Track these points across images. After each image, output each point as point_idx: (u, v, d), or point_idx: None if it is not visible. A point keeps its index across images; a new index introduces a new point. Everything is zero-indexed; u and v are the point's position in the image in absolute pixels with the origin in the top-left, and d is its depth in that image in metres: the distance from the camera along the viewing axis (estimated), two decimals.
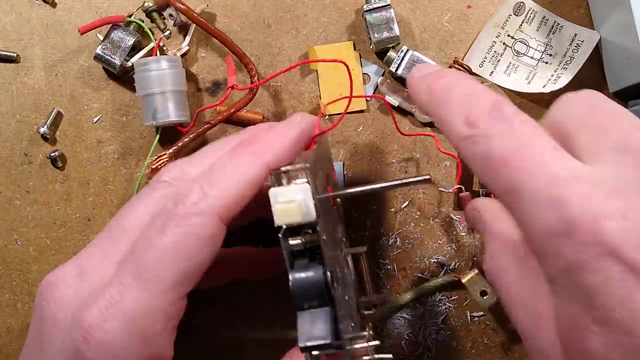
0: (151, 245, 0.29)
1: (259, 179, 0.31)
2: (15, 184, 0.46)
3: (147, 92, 0.42)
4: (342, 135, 0.46)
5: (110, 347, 0.28)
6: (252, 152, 0.32)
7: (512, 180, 0.25)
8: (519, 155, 0.25)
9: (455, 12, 0.46)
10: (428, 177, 0.36)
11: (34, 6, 0.46)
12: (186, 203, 0.30)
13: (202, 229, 0.30)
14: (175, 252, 0.29)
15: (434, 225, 0.46)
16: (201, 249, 0.30)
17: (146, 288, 0.29)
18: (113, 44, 0.44)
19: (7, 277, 0.46)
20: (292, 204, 0.29)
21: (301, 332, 0.29)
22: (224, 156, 0.32)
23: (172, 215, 0.30)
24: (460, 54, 0.46)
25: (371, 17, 0.44)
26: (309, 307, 0.30)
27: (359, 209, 0.46)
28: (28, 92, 0.46)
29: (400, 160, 0.46)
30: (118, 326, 0.28)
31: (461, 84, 0.29)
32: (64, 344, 0.29)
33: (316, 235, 0.30)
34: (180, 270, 0.29)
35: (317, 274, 0.30)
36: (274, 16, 0.46)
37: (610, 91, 0.45)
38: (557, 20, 0.46)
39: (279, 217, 0.29)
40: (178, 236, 0.29)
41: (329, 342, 0.29)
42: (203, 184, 0.31)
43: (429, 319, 0.47)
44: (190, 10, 0.43)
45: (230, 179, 0.31)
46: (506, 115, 0.26)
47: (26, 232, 0.46)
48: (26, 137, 0.46)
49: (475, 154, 0.27)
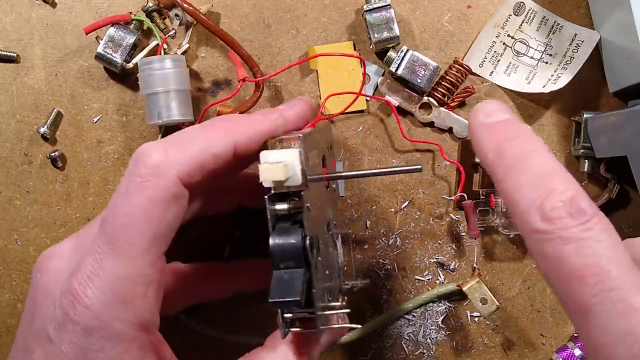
0: (118, 211, 0.30)
1: (223, 153, 0.33)
2: (15, 184, 0.46)
3: (151, 91, 0.42)
4: (342, 136, 0.46)
5: (93, 311, 0.29)
6: (223, 128, 0.33)
7: (583, 298, 0.23)
8: (596, 271, 0.23)
9: (455, 12, 0.46)
10: (420, 167, 0.36)
11: (34, 6, 0.46)
12: (148, 164, 0.30)
13: (164, 191, 0.30)
14: (142, 216, 0.30)
15: (434, 225, 0.46)
16: (166, 210, 0.30)
17: (120, 254, 0.30)
18: (114, 42, 0.44)
19: (7, 277, 0.46)
20: (278, 164, 0.30)
21: (273, 288, 0.31)
22: (196, 128, 0.34)
23: (133, 177, 0.30)
24: (460, 54, 0.46)
25: (371, 17, 0.44)
26: (285, 267, 0.31)
27: (359, 208, 0.46)
28: (28, 92, 0.46)
29: (400, 160, 0.46)
30: (99, 292, 0.29)
31: (537, 156, 0.27)
32: (54, 310, 0.30)
33: (301, 202, 0.31)
34: (150, 233, 0.30)
35: (297, 236, 0.31)
36: (274, 16, 0.46)
37: (611, 91, 0.45)
38: (557, 20, 0.46)
39: (263, 174, 0.31)
40: (141, 199, 0.30)
41: (298, 299, 0.30)
42: (167, 146, 0.31)
43: (429, 319, 0.47)
44: (197, 11, 0.43)
45: (194, 145, 0.32)
46: (586, 215, 0.24)
47: (26, 232, 0.46)
48: (26, 137, 0.46)
49: (545, 252, 0.25)
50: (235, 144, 0.33)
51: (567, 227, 0.24)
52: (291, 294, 0.30)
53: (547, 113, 0.46)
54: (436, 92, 0.45)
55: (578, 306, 0.24)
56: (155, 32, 0.44)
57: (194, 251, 0.44)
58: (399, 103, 0.45)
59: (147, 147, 0.31)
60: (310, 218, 0.32)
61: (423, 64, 0.45)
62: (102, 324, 0.29)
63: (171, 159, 0.31)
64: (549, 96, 0.45)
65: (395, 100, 0.45)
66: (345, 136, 0.46)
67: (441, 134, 0.46)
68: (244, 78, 0.43)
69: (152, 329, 0.32)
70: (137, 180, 0.30)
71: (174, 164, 0.31)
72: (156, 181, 0.30)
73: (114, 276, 0.30)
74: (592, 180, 0.46)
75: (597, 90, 0.46)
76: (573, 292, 0.24)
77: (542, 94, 0.45)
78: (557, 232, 0.24)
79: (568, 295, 0.24)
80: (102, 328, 0.29)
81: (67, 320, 0.30)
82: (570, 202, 0.25)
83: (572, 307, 0.24)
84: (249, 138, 0.33)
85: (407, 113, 0.46)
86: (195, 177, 0.32)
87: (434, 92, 0.46)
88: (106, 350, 0.30)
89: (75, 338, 0.29)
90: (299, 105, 0.38)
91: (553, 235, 0.24)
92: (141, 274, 0.30)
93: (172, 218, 0.31)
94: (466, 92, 0.45)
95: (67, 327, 0.30)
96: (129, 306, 0.30)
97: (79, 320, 0.29)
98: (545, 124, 0.46)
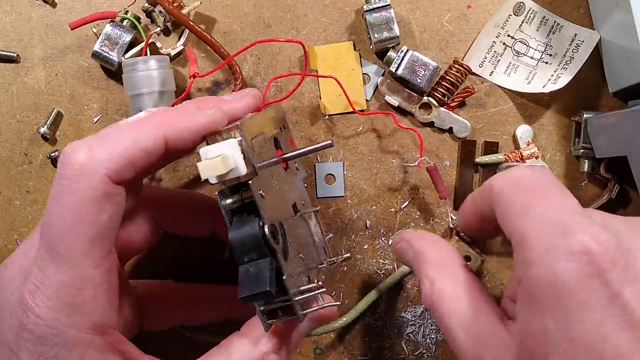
0: (52, 217, 0.30)
1: (153, 147, 0.31)
2: (15, 184, 0.46)
3: (135, 92, 0.42)
4: (342, 135, 0.46)
5: (44, 319, 0.29)
6: (154, 122, 0.32)
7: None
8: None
9: (455, 12, 0.46)
10: (330, 142, 0.35)
11: (34, 6, 0.46)
12: (74, 164, 0.29)
13: (94, 190, 0.29)
14: (74, 219, 0.29)
15: (434, 225, 0.47)
16: (99, 211, 0.30)
17: (61, 260, 0.29)
18: (110, 40, 0.44)
19: None
20: (216, 159, 0.29)
21: (241, 284, 0.30)
22: (124, 122, 0.32)
23: (62, 180, 0.30)
24: (460, 54, 0.46)
25: (371, 17, 0.44)
26: (249, 259, 0.30)
27: (359, 208, 0.46)
28: (28, 92, 0.46)
29: (400, 160, 0.46)
30: (47, 300, 0.29)
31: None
32: (11, 318, 0.30)
33: (250, 192, 0.30)
34: (86, 235, 0.29)
35: (254, 226, 0.30)
36: (274, 16, 0.46)
37: (611, 91, 0.45)
38: (557, 20, 0.46)
39: (202, 172, 0.30)
40: (72, 203, 0.29)
41: (267, 289, 0.29)
42: (93, 144, 0.30)
43: (429, 319, 0.47)
44: (175, 9, 0.43)
45: (123, 141, 0.31)
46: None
47: (26, 232, 0.46)
48: (26, 137, 0.46)
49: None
50: (166, 138, 0.31)
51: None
52: (260, 286, 0.29)
53: (547, 113, 0.46)
54: (436, 92, 0.45)
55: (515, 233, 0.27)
56: (141, 31, 0.44)
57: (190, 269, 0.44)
58: (399, 103, 0.45)
59: (72, 147, 0.30)
60: (266, 205, 0.31)
61: (423, 64, 0.45)
62: (55, 331, 0.29)
63: (97, 157, 0.30)
64: (549, 96, 0.45)
65: (395, 100, 0.45)
66: (345, 136, 0.46)
67: (441, 134, 0.46)
68: (195, 74, 0.42)
69: (108, 330, 0.31)
70: (65, 182, 0.29)
71: (101, 161, 0.30)
72: (84, 182, 0.29)
73: (58, 283, 0.29)
74: (592, 180, 0.46)
75: (597, 90, 0.46)
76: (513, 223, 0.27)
77: (542, 94, 0.45)
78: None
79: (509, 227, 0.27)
80: (55, 335, 0.29)
81: (21, 329, 0.29)
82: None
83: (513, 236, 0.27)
84: (181, 133, 0.32)
85: (407, 113, 0.46)
86: (125, 174, 0.30)
87: (434, 92, 0.46)
88: (61, 356, 0.29)
89: (32, 346, 0.29)
90: (246, 98, 0.36)
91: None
92: (86, 277, 0.30)
93: (108, 217, 0.30)
94: (466, 92, 0.45)
95: (22, 335, 0.29)
96: (78, 311, 0.30)
97: (32, 329, 0.29)
98: (545, 124, 0.46)
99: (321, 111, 0.46)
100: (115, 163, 0.30)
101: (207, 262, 0.46)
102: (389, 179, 0.46)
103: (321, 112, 0.46)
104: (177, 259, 0.46)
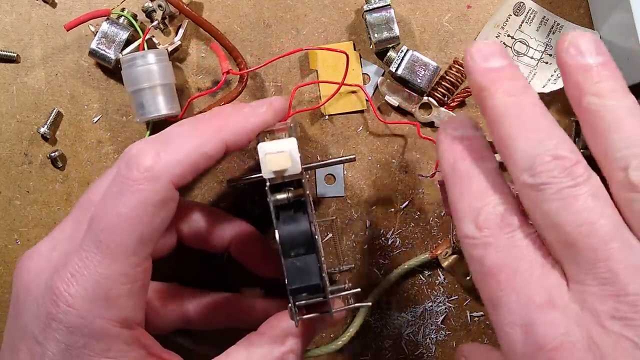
0: (107, 212, 0.30)
1: (214, 152, 0.32)
2: (15, 184, 0.46)
3: (136, 87, 0.42)
4: (342, 135, 0.46)
5: (76, 310, 0.30)
6: (214, 127, 0.33)
7: (496, 292, 0.26)
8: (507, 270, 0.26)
9: (455, 12, 0.46)
10: (353, 156, 0.38)
11: (34, 6, 0.46)
12: (141, 168, 0.30)
13: (157, 195, 0.31)
14: (131, 217, 0.30)
15: (434, 225, 0.47)
16: (156, 213, 0.31)
17: (107, 254, 0.30)
18: (107, 38, 0.44)
19: (7, 277, 0.46)
20: (282, 153, 0.31)
21: (290, 276, 0.31)
22: (186, 126, 0.34)
23: (126, 180, 0.30)
24: (460, 54, 0.46)
25: (371, 17, 0.44)
26: (295, 254, 0.32)
27: (359, 208, 0.46)
28: (28, 92, 0.46)
29: (400, 160, 0.46)
30: (82, 290, 0.30)
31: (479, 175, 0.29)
32: (37, 309, 0.31)
33: (301, 190, 0.32)
34: (137, 235, 0.30)
35: (304, 223, 0.32)
36: (274, 16, 0.46)
37: None
38: (557, 20, 0.46)
39: (268, 165, 0.31)
40: (132, 202, 0.30)
41: (318, 283, 0.31)
42: (159, 148, 0.31)
43: (429, 319, 0.47)
44: (179, 1, 0.43)
45: (186, 146, 0.32)
46: (511, 227, 0.27)
47: (26, 232, 0.46)
48: (26, 137, 0.46)
49: (472, 255, 0.27)
50: (227, 141, 0.33)
51: (494, 236, 0.27)
52: (311, 279, 0.31)
53: None
54: (436, 92, 0.45)
55: (491, 299, 0.27)
56: (137, 28, 0.44)
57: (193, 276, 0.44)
58: (399, 103, 0.45)
59: (138, 150, 0.31)
60: (311, 204, 0.32)
61: (423, 64, 0.45)
62: (85, 321, 0.30)
63: (164, 163, 0.31)
64: (549, 96, 0.45)
65: (395, 100, 0.45)
66: (345, 136, 0.46)
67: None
68: (228, 70, 0.42)
69: (135, 326, 0.32)
70: (129, 182, 0.30)
71: (167, 167, 0.31)
72: (149, 185, 0.30)
73: (98, 275, 0.30)
74: None
75: None
76: (487, 288, 0.27)
77: (542, 94, 0.45)
78: (484, 240, 0.27)
79: (484, 292, 0.27)
80: (85, 326, 0.30)
81: (50, 319, 0.30)
82: (503, 216, 0.27)
83: (487, 299, 0.27)
84: (239, 135, 0.33)
85: (407, 113, 0.46)
86: (187, 178, 0.32)
87: (434, 92, 0.46)
88: (90, 346, 0.30)
89: (59, 336, 0.30)
90: (278, 101, 0.37)
91: (480, 243, 0.27)
92: (126, 273, 0.31)
93: (161, 221, 0.31)
94: (466, 92, 0.45)
95: (50, 325, 0.30)
96: (111, 304, 0.30)
97: (62, 319, 0.30)
98: None
99: (321, 111, 0.46)
100: (180, 169, 0.31)
101: (207, 262, 0.46)
102: (389, 179, 0.46)
103: (321, 112, 0.46)
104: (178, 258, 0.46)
